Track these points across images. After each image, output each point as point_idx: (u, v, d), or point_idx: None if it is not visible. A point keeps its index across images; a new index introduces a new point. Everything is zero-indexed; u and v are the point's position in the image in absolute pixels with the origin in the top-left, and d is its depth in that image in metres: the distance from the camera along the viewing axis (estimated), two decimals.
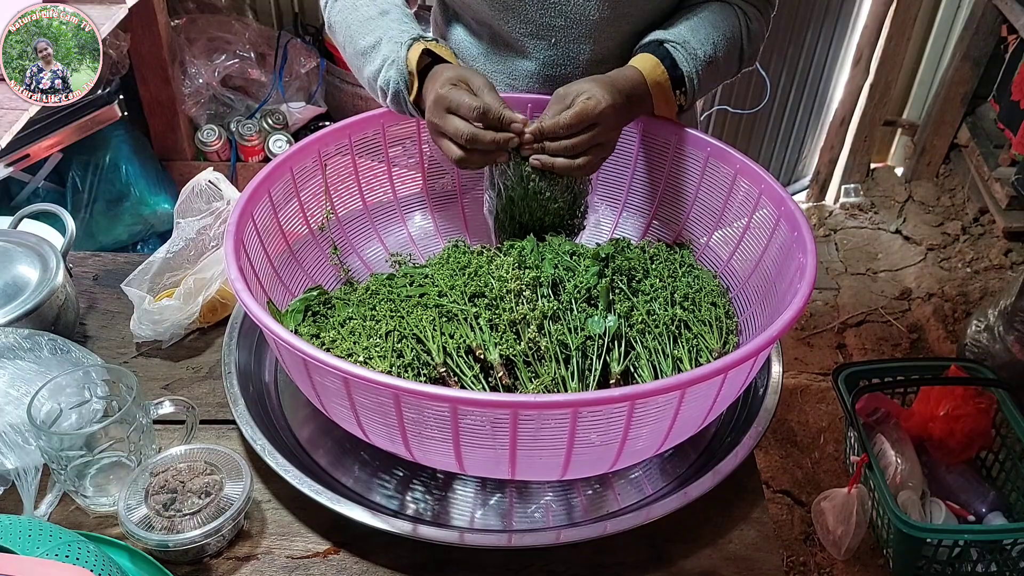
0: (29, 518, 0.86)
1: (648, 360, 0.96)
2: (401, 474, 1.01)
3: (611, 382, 0.95)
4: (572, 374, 0.93)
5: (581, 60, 1.19)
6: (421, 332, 0.96)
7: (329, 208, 1.19)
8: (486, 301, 0.99)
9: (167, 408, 0.98)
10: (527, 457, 0.86)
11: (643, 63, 1.10)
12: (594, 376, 0.94)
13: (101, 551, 0.78)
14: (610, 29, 1.16)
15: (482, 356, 0.94)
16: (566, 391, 0.92)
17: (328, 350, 0.97)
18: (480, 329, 0.96)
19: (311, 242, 1.18)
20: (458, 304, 0.98)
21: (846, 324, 2.66)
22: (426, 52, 1.08)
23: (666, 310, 1.01)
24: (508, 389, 0.94)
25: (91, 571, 0.73)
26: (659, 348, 0.97)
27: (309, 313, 1.07)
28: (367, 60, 1.13)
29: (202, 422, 1.05)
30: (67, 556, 0.74)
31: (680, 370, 0.96)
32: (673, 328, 0.99)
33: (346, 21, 1.17)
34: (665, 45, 1.10)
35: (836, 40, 2.89)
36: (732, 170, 1.13)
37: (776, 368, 1.07)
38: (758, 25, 1.18)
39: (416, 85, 1.08)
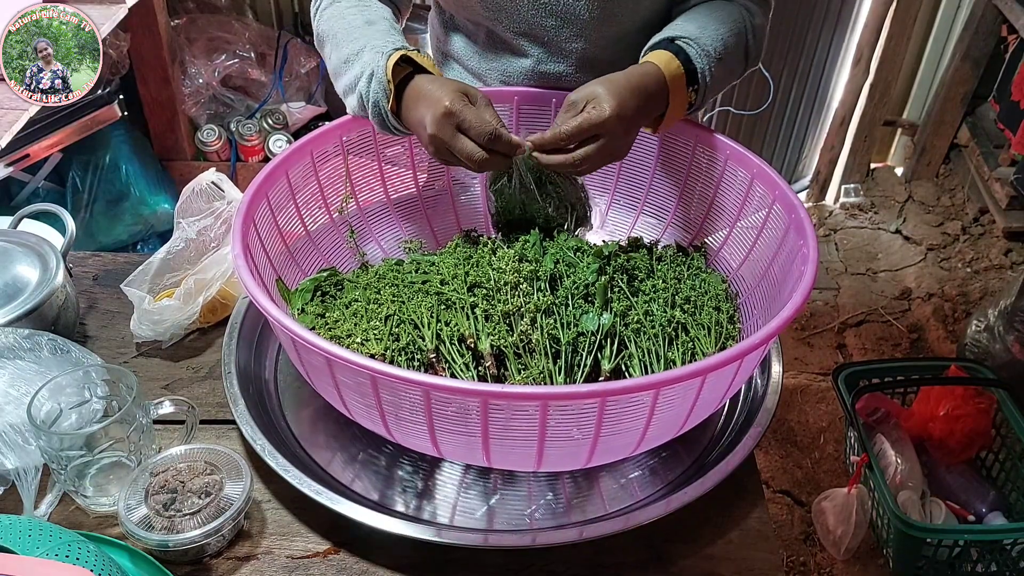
0: (29, 518, 0.86)
1: (640, 360, 0.96)
2: (401, 474, 1.01)
3: (600, 380, 0.95)
4: (560, 369, 0.93)
5: (574, 59, 1.20)
6: (418, 318, 0.97)
7: (348, 192, 1.21)
8: (484, 292, 0.99)
9: (167, 408, 0.98)
10: (500, 446, 0.87)
11: (658, 58, 1.06)
12: (582, 372, 0.94)
13: (101, 551, 0.78)
14: (601, 28, 1.16)
15: (473, 345, 0.95)
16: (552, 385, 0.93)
17: (331, 330, 1.00)
18: (475, 318, 0.96)
19: (331, 227, 1.20)
20: (457, 293, 0.99)
21: (846, 324, 2.66)
22: (406, 60, 1.04)
23: (664, 312, 1.01)
24: (496, 380, 0.94)
25: (91, 571, 0.73)
26: (652, 349, 0.97)
27: (318, 293, 1.09)
28: (348, 67, 1.09)
29: (202, 422, 1.05)
30: (67, 556, 0.74)
31: None
32: (670, 330, 0.99)
33: (332, 29, 1.14)
34: (677, 42, 1.08)
35: (836, 40, 2.89)
36: (749, 174, 1.12)
37: (776, 368, 1.07)
38: (761, 20, 1.17)
39: (393, 95, 1.04)
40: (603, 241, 1.16)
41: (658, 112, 1.07)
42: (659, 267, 1.10)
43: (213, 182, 1.24)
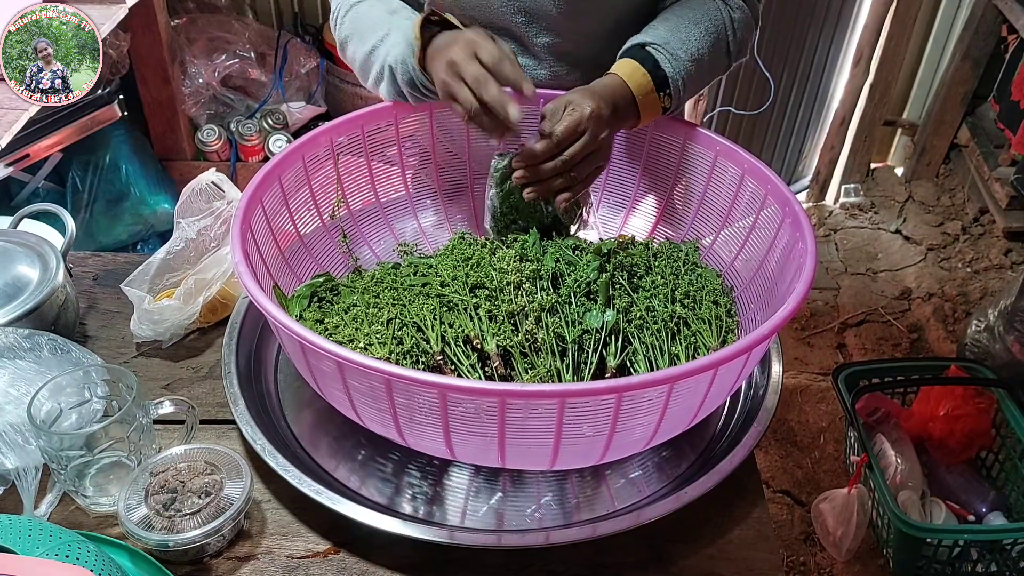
0: (29, 518, 0.86)
1: (645, 356, 0.97)
2: (402, 474, 1.01)
3: (606, 376, 0.95)
4: (567, 367, 0.94)
5: (545, 53, 1.21)
6: (421, 321, 0.97)
7: (340, 196, 1.20)
8: (486, 292, 0.99)
9: (167, 408, 0.98)
10: (516, 445, 0.87)
11: (623, 68, 1.09)
12: (589, 370, 0.95)
13: (101, 551, 0.78)
14: (570, 24, 1.17)
15: (479, 346, 0.95)
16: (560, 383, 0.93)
17: (331, 335, 0.99)
18: (479, 319, 0.96)
19: (323, 231, 1.19)
20: (459, 294, 0.99)
21: (846, 324, 2.66)
22: (433, 21, 1.06)
23: (666, 307, 1.01)
24: (503, 379, 0.94)
25: (91, 571, 0.73)
26: (656, 344, 0.97)
27: (315, 299, 1.08)
28: (375, 54, 1.13)
29: (202, 422, 1.05)
30: (67, 556, 0.74)
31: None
32: (672, 325, 1.00)
33: (356, 28, 1.17)
34: (647, 48, 1.10)
35: (836, 40, 2.89)
36: (740, 170, 1.13)
37: (776, 368, 1.07)
38: (742, 15, 1.17)
39: (420, 49, 1.05)
40: (599, 239, 1.16)
41: (630, 121, 1.11)
42: (656, 263, 1.10)
43: (213, 182, 1.24)
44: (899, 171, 3.28)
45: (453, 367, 0.95)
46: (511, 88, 0.99)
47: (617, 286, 1.03)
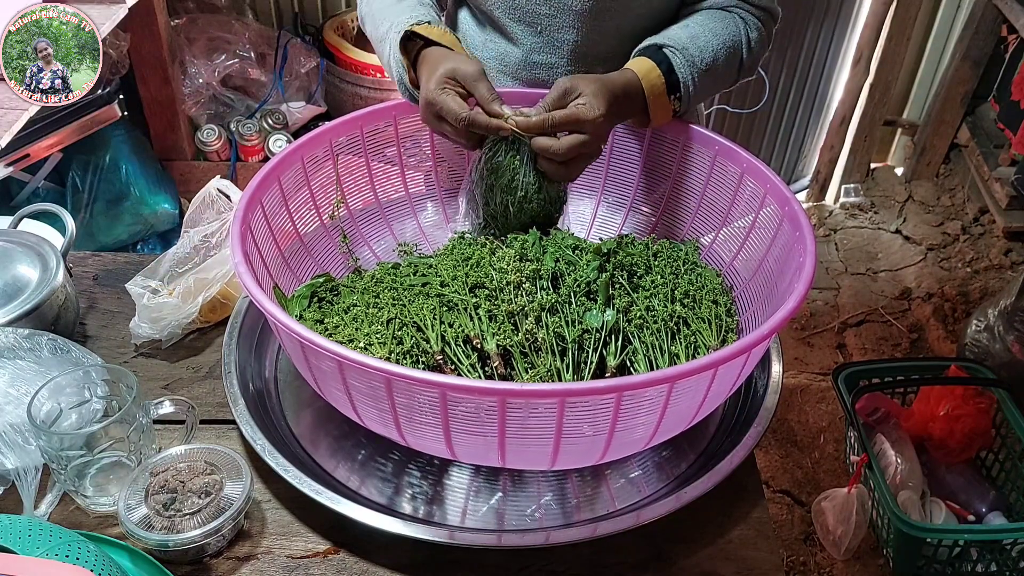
0: (29, 518, 0.86)
1: (644, 355, 0.97)
2: (402, 474, 1.01)
3: (606, 376, 0.95)
4: (567, 366, 0.94)
5: (566, 50, 1.22)
6: (421, 320, 0.97)
7: (340, 196, 1.21)
8: (486, 292, 0.99)
9: (167, 408, 0.98)
10: (516, 445, 0.87)
11: (639, 66, 1.11)
12: (589, 369, 0.95)
13: (101, 551, 0.78)
14: (594, 21, 1.18)
15: (479, 346, 0.95)
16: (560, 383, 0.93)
17: (331, 335, 0.99)
18: (479, 319, 0.96)
19: (323, 232, 1.20)
20: (459, 294, 0.99)
21: (846, 324, 2.66)
22: (414, 35, 1.11)
23: (665, 306, 1.01)
24: (504, 379, 0.94)
25: (91, 571, 0.73)
26: (656, 344, 0.98)
27: (315, 299, 1.08)
28: (381, 49, 1.19)
29: (202, 422, 1.05)
30: (67, 556, 0.74)
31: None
32: (671, 324, 1.00)
33: (371, 11, 1.22)
34: (664, 50, 1.11)
35: (836, 40, 2.89)
36: (739, 169, 1.13)
37: (776, 368, 1.07)
38: (758, 34, 1.18)
39: (409, 70, 1.13)
40: (599, 239, 1.16)
41: (637, 119, 1.13)
42: (656, 262, 1.10)
43: (219, 189, 1.24)
44: (899, 171, 3.28)
45: (453, 367, 0.95)
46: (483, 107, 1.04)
47: (617, 285, 1.03)
